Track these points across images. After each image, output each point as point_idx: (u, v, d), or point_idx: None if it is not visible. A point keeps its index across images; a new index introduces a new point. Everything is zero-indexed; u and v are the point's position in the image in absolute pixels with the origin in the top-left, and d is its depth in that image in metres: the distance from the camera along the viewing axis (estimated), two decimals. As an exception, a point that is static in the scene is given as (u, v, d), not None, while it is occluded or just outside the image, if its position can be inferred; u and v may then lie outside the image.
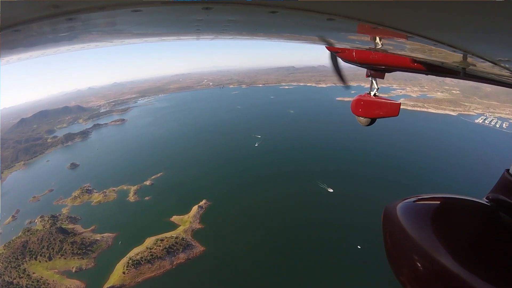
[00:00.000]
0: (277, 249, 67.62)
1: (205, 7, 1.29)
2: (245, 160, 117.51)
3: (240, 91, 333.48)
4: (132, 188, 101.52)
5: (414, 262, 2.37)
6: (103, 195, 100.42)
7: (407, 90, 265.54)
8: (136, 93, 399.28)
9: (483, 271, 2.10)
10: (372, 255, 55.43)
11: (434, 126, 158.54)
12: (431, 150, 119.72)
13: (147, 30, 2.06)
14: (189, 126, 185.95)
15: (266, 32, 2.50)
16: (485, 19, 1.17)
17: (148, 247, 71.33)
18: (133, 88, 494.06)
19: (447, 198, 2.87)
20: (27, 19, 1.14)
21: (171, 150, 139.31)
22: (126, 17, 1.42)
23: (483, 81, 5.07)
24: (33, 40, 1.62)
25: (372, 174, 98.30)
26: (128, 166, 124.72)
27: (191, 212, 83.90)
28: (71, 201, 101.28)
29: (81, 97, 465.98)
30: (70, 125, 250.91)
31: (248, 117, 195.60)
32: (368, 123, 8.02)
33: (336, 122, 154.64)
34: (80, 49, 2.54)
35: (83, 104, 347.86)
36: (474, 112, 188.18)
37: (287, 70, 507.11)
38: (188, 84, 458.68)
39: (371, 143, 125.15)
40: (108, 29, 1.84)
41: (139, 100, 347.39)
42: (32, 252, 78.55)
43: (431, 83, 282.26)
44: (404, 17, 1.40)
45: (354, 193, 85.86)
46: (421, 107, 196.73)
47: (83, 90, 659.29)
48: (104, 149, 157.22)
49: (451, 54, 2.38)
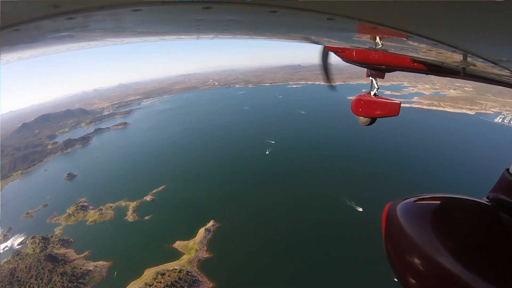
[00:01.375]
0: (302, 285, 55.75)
1: (205, 7, 1.29)
2: (256, 171, 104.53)
3: (247, 91, 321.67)
4: (131, 204, 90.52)
5: (415, 262, 2.37)
6: (99, 213, 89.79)
7: (418, 87, 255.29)
8: (140, 95, 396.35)
9: (484, 271, 2.11)
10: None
11: (452, 126, 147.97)
12: (454, 152, 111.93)
13: (147, 29, 2.06)
14: (193, 130, 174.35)
15: (266, 31, 2.49)
16: (485, 19, 1.17)
17: (147, 283, 60.04)
18: (138, 89, 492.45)
19: (447, 198, 2.86)
20: (27, 18, 1.14)
21: (174, 158, 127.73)
22: (126, 16, 1.41)
23: (483, 81, 5.07)
24: (33, 40, 1.62)
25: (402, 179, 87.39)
26: (127, 177, 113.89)
27: (197, 237, 72.10)
28: (65, 220, 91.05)
29: (85, 99, 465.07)
30: (72, 129, 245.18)
31: (256, 118, 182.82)
32: (368, 122, 8.05)
33: (352, 124, 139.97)
34: (80, 49, 2.54)
35: (87, 106, 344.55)
36: (491, 110, 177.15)
37: (293, 69, 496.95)
38: (193, 84, 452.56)
39: (391, 145, 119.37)
40: (108, 29, 1.82)
41: (143, 101, 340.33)
42: (21, 282, 69.23)
43: (442, 80, 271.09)
44: (404, 17, 1.40)
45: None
46: (437, 106, 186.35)
47: (89, 92, 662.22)
48: (104, 157, 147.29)
49: (451, 54, 2.38)
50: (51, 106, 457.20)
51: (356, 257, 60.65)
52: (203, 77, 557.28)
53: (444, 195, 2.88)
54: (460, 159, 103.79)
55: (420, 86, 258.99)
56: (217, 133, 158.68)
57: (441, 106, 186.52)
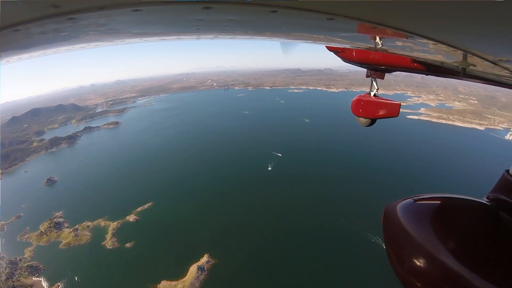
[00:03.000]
0: None
1: (205, 7, 1.29)
2: (259, 191, 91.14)
3: (247, 94, 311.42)
4: (111, 225, 79.14)
5: (415, 262, 2.37)
6: (74, 234, 78.44)
7: (423, 98, 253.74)
8: (137, 92, 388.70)
9: (484, 271, 2.12)
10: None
11: (462, 140, 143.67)
12: (467, 167, 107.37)
13: (147, 29, 2.07)
14: (188, 134, 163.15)
15: (266, 31, 2.51)
16: (485, 19, 1.17)
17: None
18: (135, 86, 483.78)
19: (447, 198, 2.89)
20: (27, 19, 1.14)
21: (165, 168, 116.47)
22: (126, 16, 1.41)
23: (483, 81, 5.03)
24: (33, 40, 1.62)
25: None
26: (111, 188, 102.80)
27: (188, 277, 59.42)
28: (36, 239, 79.75)
29: (81, 94, 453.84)
30: (62, 125, 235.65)
31: (257, 125, 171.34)
32: (368, 123, 8.00)
33: (360, 136, 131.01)
34: (80, 49, 2.56)
35: (81, 102, 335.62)
36: (500, 126, 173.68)
37: (293, 73, 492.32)
38: (191, 84, 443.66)
39: (402, 156, 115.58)
40: (108, 29, 1.83)
41: (138, 99, 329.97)
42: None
43: (445, 91, 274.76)
44: (404, 17, 1.40)
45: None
46: (446, 120, 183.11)
47: (86, 87, 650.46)
48: (89, 160, 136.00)
49: (451, 54, 2.40)
50: (47, 99, 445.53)
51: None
52: (202, 77, 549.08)
53: (444, 195, 2.91)
54: (475, 176, 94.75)
55: (424, 97, 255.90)
56: (214, 140, 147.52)
57: (450, 119, 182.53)
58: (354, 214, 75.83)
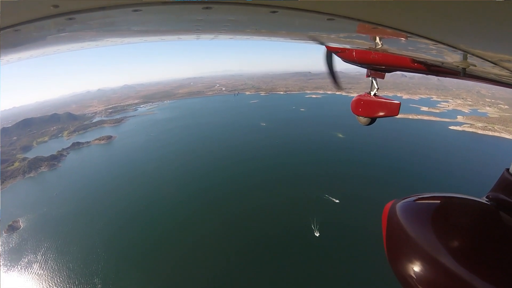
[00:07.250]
0: None
1: (205, 7, 1.28)
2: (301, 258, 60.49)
3: (260, 100, 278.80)
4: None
5: (414, 262, 2.37)
6: None
7: (450, 103, 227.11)
8: (140, 98, 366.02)
9: (484, 271, 2.11)
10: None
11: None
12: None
13: (147, 29, 2.08)
14: (192, 154, 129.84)
15: (266, 32, 2.51)
16: (485, 19, 1.17)
17: None
18: (141, 91, 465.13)
19: (447, 197, 2.88)
20: (27, 18, 1.13)
21: (160, 208, 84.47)
22: (126, 16, 1.40)
23: (483, 81, 5.09)
24: (33, 40, 1.62)
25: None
26: (82, 251, 70.86)
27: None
28: None
29: (84, 100, 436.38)
30: (52, 138, 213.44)
31: (282, 145, 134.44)
32: (368, 122, 8.01)
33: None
34: (80, 49, 2.58)
35: (80, 109, 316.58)
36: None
37: (304, 76, 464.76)
38: (198, 88, 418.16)
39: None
40: (108, 29, 1.83)
41: (140, 107, 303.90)
42: None
43: (469, 94, 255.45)
44: (404, 17, 1.39)
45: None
46: (492, 131, 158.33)
47: (92, 92, 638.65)
48: (64, 196, 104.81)
49: (451, 54, 2.40)
50: (54, 104, 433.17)
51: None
52: (209, 81, 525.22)
53: (444, 194, 2.89)
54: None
55: (451, 101, 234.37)
56: (226, 168, 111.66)
57: (496, 130, 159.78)
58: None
